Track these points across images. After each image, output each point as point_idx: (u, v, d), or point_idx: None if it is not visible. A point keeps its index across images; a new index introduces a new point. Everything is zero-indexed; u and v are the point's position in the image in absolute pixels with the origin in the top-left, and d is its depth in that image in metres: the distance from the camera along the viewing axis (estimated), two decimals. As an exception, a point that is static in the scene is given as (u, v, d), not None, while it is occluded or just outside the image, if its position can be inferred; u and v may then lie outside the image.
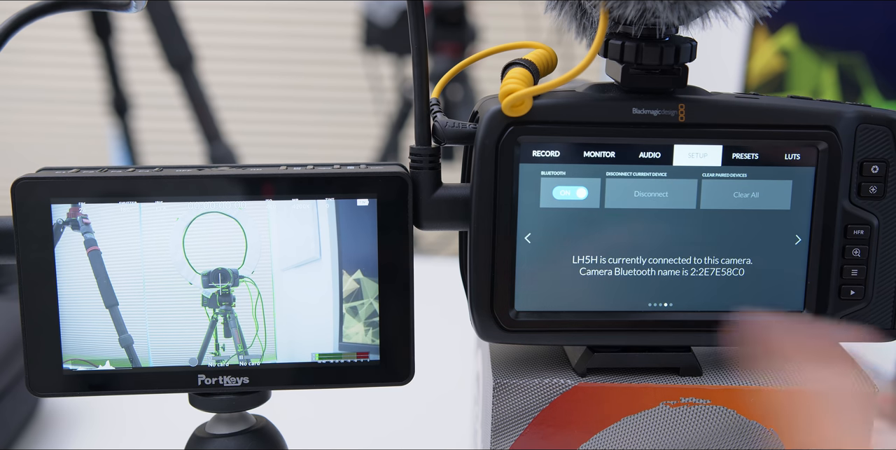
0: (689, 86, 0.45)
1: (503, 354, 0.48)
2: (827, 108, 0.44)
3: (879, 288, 0.46)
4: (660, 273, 0.45)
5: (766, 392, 0.45)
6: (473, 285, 0.45)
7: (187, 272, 0.42)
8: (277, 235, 0.42)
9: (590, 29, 0.45)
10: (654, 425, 0.46)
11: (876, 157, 0.45)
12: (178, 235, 0.42)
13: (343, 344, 0.43)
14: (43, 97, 2.45)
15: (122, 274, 0.41)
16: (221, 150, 1.43)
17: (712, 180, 0.44)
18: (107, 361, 0.41)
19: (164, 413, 0.64)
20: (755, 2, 0.41)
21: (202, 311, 0.42)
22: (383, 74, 1.89)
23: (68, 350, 0.42)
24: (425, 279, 0.57)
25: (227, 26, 2.38)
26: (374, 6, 1.61)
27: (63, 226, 0.41)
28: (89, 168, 0.43)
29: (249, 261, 0.42)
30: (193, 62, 1.40)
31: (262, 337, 0.43)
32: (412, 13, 0.42)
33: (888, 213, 0.45)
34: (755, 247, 0.45)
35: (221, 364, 0.43)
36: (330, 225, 0.42)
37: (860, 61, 1.01)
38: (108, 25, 1.47)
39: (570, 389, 0.45)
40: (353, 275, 0.43)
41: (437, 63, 1.53)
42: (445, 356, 0.79)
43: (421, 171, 0.44)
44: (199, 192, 0.42)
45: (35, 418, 0.75)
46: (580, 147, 0.44)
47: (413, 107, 0.44)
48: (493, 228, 0.44)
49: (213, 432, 0.45)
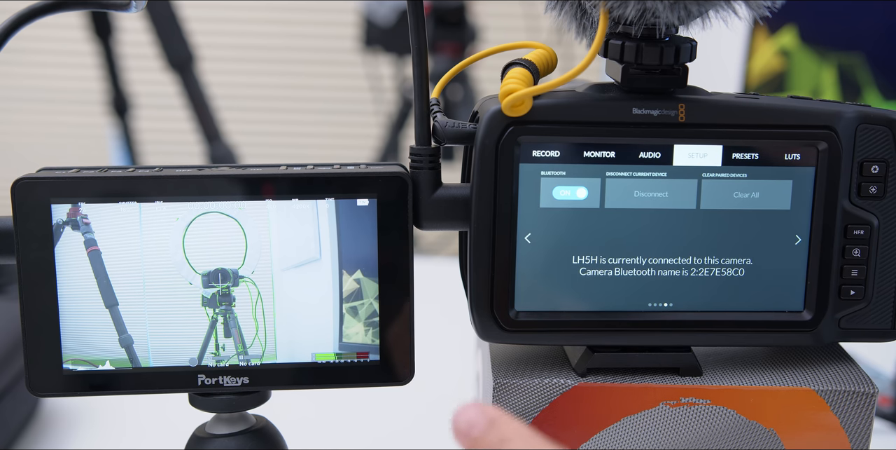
0: (689, 86, 0.45)
1: (503, 354, 0.48)
2: (827, 108, 0.44)
3: (879, 288, 0.46)
4: (660, 273, 0.45)
5: (766, 392, 0.45)
6: (473, 285, 0.45)
7: (187, 272, 0.42)
8: (277, 235, 0.42)
9: (590, 29, 0.45)
10: (654, 425, 0.46)
11: (876, 157, 0.45)
12: (178, 235, 0.42)
13: (343, 344, 0.43)
14: (43, 97, 2.45)
15: (122, 274, 0.41)
16: (221, 150, 1.43)
17: (712, 180, 0.44)
18: (107, 361, 0.42)
19: (164, 413, 0.64)
20: (755, 2, 0.41)
21: (202, 311, 0.42)
22: (383, 74, 1.89)
23: (68, 350, 0.42)
24: (425, 279, 0.57)
25: (227, 26, 2.38)
26: (374, 6, 1.61)
27: (63, 226, 0.41)
28: (89, 168, 0.43)
29: (249, 261, 0.42)
30: (193, 62, 1.40)
31: (262, 337, 0.43)
32: (412, 13, 0.42)
33: (888, 213, 0.45)
34: (755, 247, 0.45)
35: (221, 364, 0.43)
36: (330, 225, 0.42)
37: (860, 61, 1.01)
38: (108, 25, 1.47)
39: (570, 389, 0.45)
40: (353, 275, 0.43)
41: (437, 63, 1.53)
42: (445, 356, 0.79)
43: (421, 171, 0.44)
44: (199, 192, 0.42)
45: (35, 418, 0.75)
46: (580, 147, 0.44)
47: (413, 107, 0.44)
48: (493, 228, 0.44)
49: (213, 432, 0.45)
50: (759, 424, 0.46)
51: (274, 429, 0.47)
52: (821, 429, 0.46)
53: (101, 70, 1.54)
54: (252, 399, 0.45)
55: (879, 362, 0.81)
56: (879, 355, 0.81)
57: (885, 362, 0.80)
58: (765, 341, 0.46)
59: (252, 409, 0.45)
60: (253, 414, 0.47)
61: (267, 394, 0.46)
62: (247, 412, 0.46)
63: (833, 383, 0.46)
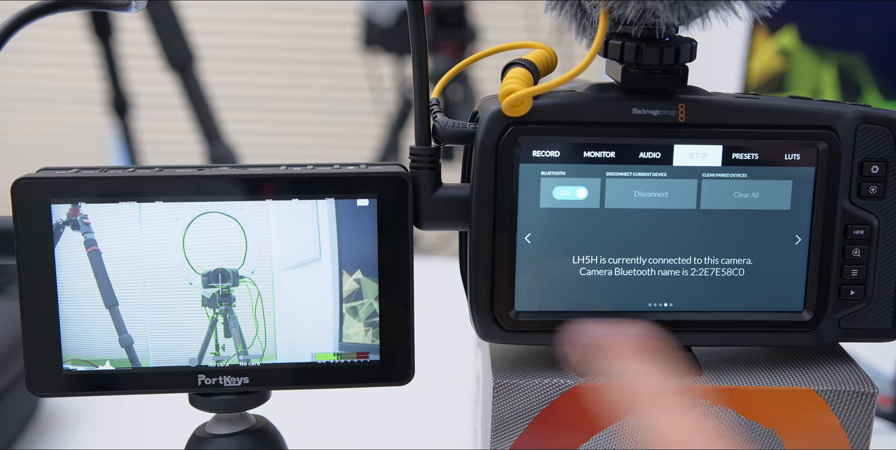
0: (689, 86, 0.44)
1: (503, 354, 0.48)
2: (827, 108, 0.44)
3: (879, 288, 0.46)
4: (660, 273, 0.45)
5: (766, 392, 0.45)
6: (473, 285, 0.45)
7: (187, 272, 0.42)
8: (277, 236, 0.42)
9: (590, 29, 0.45)
10: (654, 425, 0.46)
11: (876, 157, 0.45)
12: (178, 235, 0.42)
13: (343, 344, 0.43)
14: (43, 97, 2.46)
15: (122, 274, 0.41)
16: (221, 150, 1.43)
17: (712, 180, 0.44)
18: (107, 361, 0.42)
19: (164, 413, 0.64)
20: (755, 2, 0.41)
21: (202, 311, 0.42)
22: (383, 74, 1.89)
23: (68, 350, 0.42)
24: (425, 279, 0.57)
25: (227, 26, 2.38)
26: (374, 6, 1.61)
27: (63, 226, 0.41)
28: (89, 168, 0.43)
29: (249, 261, 0.42)
30: (193, 62, 1.40)
31: (262, 337, 0.43)
32: (412, 13, 0.42)
33: (888, 213, 0.45)
34: (755, 247, 0.45)
35: (221, 364, 0.43)
36: (330, 225, 0.42)
37: (860, 61, 1.01)
38: (108, 25, 1.47)
39: (570, 389, 0.45)
40: (353, 275, 0.43)
41: (437, 63, 1.53)
42: (445, 356, 0.79)
43: (421, 171, 0.44)
44: (199, 192, 0.42)
45: (35, 418, 0.75)
46: (580, 147, 0.44)
47: (413, 107, 0.44)
48: (493, 228, 0.44)
49: (213, 432, 0.45)
50: (759, 424, 0.46)
51: (274, 429, 0.47)
52: (821, 429, 0.46)
53: (101, 70, 1.54)
54: (252, 399, 0.45)
55: (879, 362, 0.81)
56: (879, 355, 0.81)
57: (885, 362, 0.80)
58: (765, 341, 0.46)
59: (252, 409, 0.45)
60: (253, 414, 0.47)
61: (267, 394, 0.46)
62: (247, 412, 0.46)
63: (833, 383, 0.46)
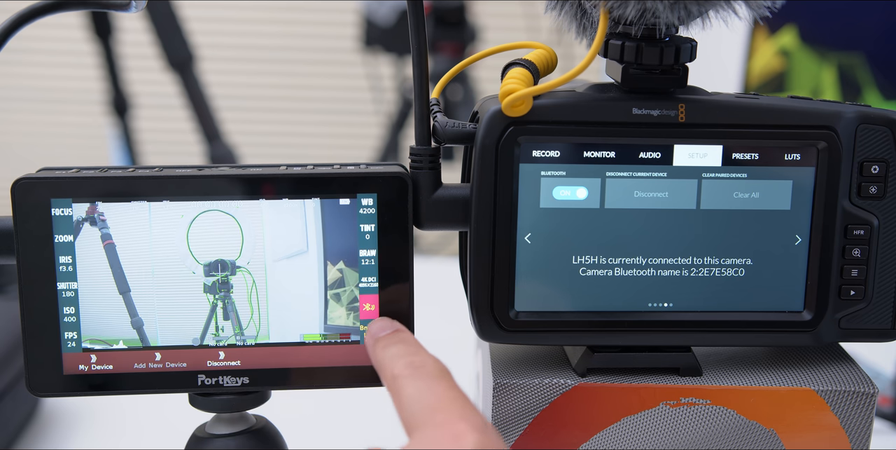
0: (689, 86, 0.45)
1: (503, 354, 0.49)
2: (827, 108, 0.44)
3: (879, 288, 0.46)
4: (660, 273, 0.45)
5: (766, 392, 0.45)
6: (473, 285, 0.45)
7: (191, 263, 0.44)
8: (270, 231, 0.44)
9: (590, 29, 0.45)
10: (654, 425, 0.46)
11: (876, 157, 0.45)
12: (182, 230, 0.44)
13: (328, 326, 0.45)
14: (43, 97, 2.46)
15: (134, 264, 0.44)
16: (221, 150, 1.43)
17: (712, 180, 0.44)
18: (120, 340, 0.45)
19: (164, 413, 0.65)
20: (755, 2, 0.41)
21: (204, 297, 0.45)
22: (383, 74, 1.89)
23: (87, 331, 0.44)
24: (425, 279, 0.57)
25: (227, 26, 2.38)
26: (374, 6, 1.61)
27: (83, 222, 0.43)
28: (89, 168, 0.44)
29: (245, 253, 0.44)
30: (193, 62, 1.40)
31: (256, 320, 0.45)
32: (412, 13, 0.42)
33: (888, 213, 0.45)
34: (755, 247, 0.45)
35: (221, 344, 0.45)
36: (316, 222, 0.44)
37: (860, 61, 1.01)
38: (108, 25, 1.47)
39: (570, 389, 0.45)
40: (336, 265, 0.45)
41: (437, 63, 1.53)
42: (445, 356, 0.79)
43: (421, 171, 0.44)
44: (202, 192, 0.43)
45: (35, 418, 0.75)
46: (580, 147, 0.44)
47: (413, 107, 0.44)
48: (493, 229, 0.44)
49: (213, 432, 0.45)
50: (759, 424, 0.46)
51: (274, 429, 0.47)
52: (821, 429, 0.46)
53: (101, 70, 1.54)
54: (252, 399, 0.45)
55: (879, 361, 0.81)
56: (879, 355, 0.81)
57: (885, 362, 0.80)
58: (765, 341, 0.46)
59: (252, 409, 0.46)
60: (253, 414, 0.47)
61: (267, 394, 0.46)
62: (247, 412, 0.46)
63: (833, 383, 0.46)
